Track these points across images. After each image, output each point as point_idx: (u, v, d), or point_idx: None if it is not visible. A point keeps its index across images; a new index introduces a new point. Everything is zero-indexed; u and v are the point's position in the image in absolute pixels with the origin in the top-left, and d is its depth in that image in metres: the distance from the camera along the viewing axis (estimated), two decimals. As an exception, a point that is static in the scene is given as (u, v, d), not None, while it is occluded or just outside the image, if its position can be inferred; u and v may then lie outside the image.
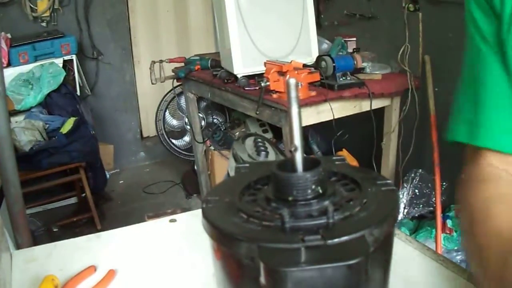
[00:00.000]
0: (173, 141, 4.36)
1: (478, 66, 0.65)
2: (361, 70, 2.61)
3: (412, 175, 2.58)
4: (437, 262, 0.69)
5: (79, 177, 3.32)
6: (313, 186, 0.44)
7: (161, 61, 3.11)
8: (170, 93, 4.20)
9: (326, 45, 2.97)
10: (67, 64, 3.76)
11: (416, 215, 2.55)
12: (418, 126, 2.67)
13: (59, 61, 3.66)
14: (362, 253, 0.38)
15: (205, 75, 2.87)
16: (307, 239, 0.40)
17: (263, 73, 2.37)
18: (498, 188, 0.59)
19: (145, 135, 4.62)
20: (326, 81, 2.39)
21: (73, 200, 3.75)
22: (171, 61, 3.17)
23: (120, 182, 4.24)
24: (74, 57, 3.77)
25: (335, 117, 2.39)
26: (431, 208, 2.48)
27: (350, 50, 2.91)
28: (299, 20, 2.54)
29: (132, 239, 0.82)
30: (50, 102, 3.53)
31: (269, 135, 3.25)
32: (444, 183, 2.38)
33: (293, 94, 0.45)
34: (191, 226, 0.82)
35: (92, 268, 0.72)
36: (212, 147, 3.56)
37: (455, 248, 2.30)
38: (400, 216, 2.54)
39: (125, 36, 4.32)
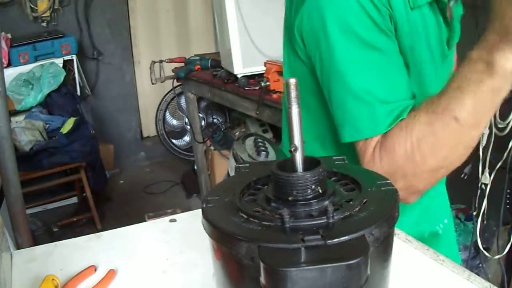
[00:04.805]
0: (173, 141, 4.36)
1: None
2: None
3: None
4: (437, 262, 0.70)
5: (79, 177, 3.32)
6: (313, 186, 0.44)
7: (161, 61, 3.11)
8: (170, 93, 4.20)
9: (326, 45, 2.97)
10: (67, 64, 3.76)
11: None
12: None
13: (59, 61, 3.66)
14: (362, 253, 0.38)
15: (205, 75, 2.87)
16: (307, 239, 0.40)
17: (263, 73, 2.37)
18: None
19: (145, 135, 4.63)
20: (326, 81, 2.39)
21: (73, 200, 3.75)
22: (171, 61, 3.17)
23: (120, 182, 4.24)
24: (74, 57, 3.77)
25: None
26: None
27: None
28: (299, 20, 2.54)
29: (132, 239, 0.82)
30: (50, 102, 3.54)
31: (269, 135, 3.25)
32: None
33: (293, 94, 0.45)
34: (191, 226, 0.82)
35: (92, 268, 0.72)
36: (212, 147, 3.56)
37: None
38: (400, 216, 2.54)
39: (125, 36, 4.32)
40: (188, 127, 3.74)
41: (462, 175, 2.08)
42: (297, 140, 0.45)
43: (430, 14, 0.89)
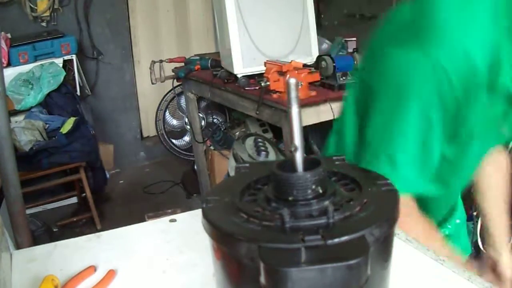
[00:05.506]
0: (173, 141, 4.36)
1: None
2: (361, 70, 2.61)
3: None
4: (437, 262, 0.70)
5: (79, 177, 3.32)
6: (313, 186, 0.44)
7: (161, 61, 3.11)
8: (170, 93, 4.20)
9: (326, 45, 2.97)
10: (67, 64, 3.76)
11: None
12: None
13: (59, 61, 3.66)
14: (362, 253, 0.38)
15: (205, 75, 2.87)
16: (307, 239, 0.40)
17: (263, 73, 2.37)
18: None
19: (145, 135, 4.62)
20: (326, 81, 2.39)
21: (73, 200, 3.75)
22: (171, 61, 3.17)
23: (120, 182, 4.24)
24: (74, 57, 3.77)
25: (335, 117, 2.39)
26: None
27: (350, 50, 2.91)
28: (299, 20, 2.54)
29: (132, 239, 0.82)
30: (50, 102, 3.53)
31: (269, 135, 3.25)
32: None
33: (293, 94, 0.45)
34: (191, 226, 0.82)
35: (92, 268, 0.72)
36: (212, 147, 3.56)
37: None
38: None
39: (125, 36, 4.32)
40: (188, 127, 3.74)
41: (462, 175, 2.08)
42: (297, 140, 0.45)
43: (500, 104, 0.89)
